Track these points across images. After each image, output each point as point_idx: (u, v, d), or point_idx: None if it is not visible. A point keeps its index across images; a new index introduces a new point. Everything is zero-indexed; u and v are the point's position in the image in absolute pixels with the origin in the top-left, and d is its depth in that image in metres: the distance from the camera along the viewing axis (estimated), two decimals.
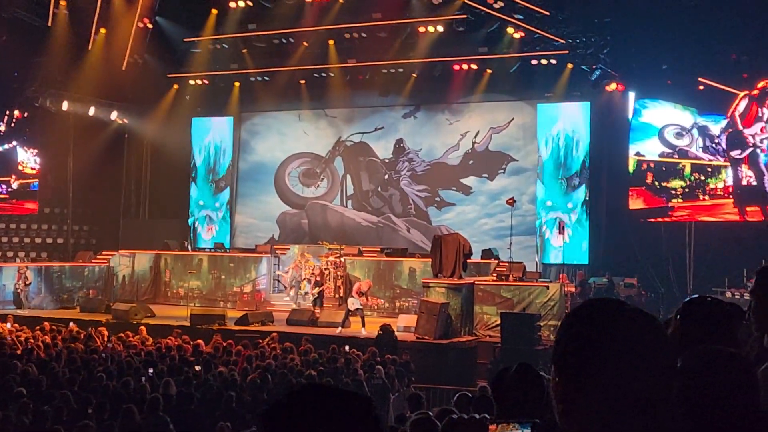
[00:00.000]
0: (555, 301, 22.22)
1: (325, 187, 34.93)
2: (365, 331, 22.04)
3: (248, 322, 23.59)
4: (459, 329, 22.16)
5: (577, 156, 30.03)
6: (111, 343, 19.47)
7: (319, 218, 34.74)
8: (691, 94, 27.84)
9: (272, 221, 35.43)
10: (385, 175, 33.84)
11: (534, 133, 30.98)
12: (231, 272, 30.06)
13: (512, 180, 31.55)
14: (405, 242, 32.04)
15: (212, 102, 35.50)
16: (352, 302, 22.95)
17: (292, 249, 29.95)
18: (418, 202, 33.17)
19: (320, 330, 22.72)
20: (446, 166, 32.68)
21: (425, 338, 21.05)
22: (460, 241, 23.34)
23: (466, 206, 32.24)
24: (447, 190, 32.64)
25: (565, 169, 30.17)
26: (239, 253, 31.29)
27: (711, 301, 3.28)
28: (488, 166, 32.01)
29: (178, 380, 14.14)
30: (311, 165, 35.14)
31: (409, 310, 26.07)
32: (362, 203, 34.19)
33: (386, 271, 27.60)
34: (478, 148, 32.26)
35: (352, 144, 34.54)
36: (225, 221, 36.04)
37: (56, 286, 29.41)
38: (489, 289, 23.21)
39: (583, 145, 29.97)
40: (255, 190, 36.01)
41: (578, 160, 30.02)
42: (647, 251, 27.91)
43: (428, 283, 23.06)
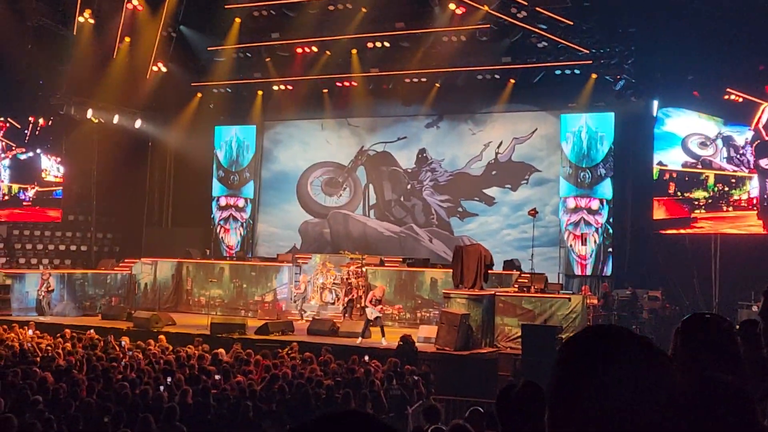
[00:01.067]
0: (577, 314, 22.04)
1: (348, 196, 34.91)
2: (385, 341, 21.96)
3: (268, 332, 23.56)
4: (480, 340, 22.04)
5: (602, 150, 29.78)
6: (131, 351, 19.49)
7: (341, 228, 34.72)
8: (716, 103, 27.60)
9: (294, 230, 35.45)
10: (407, 184, 33.78)
11: (557, 143, 30.81)
12: (252, 281, 30.08)
13: (535, 191, 31.40)
14: (427, 252, 31.95)
15: (235, 110, 35.62)
16: (370, 312, 22.89)
17: (314, 258, 29.92)
18: (440, 213, 33.08)
19: (340, 340, 22.66)
20: (469, 176, 32.58)
21: (445, 349, 20.95)
22: (482, 251, 23.23)
23: (489, 217, 32.11)
24: (470, 200, 32.52)
25: (588, 160, 29.90)
26: (261, 262, 31.30)
27: (710, 318, 3.18)
28: (511, 176, 31.88)
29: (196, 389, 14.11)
30: (334, 174, 35.15)
31: (429, 320, 25.98)
32: (384, 213, 34.14)
33: (408, 281, 27.52)
34: (501, 158, 32.14)
35: (374, 153, 34.52)
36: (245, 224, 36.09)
37: (79, 293, 29.53)
38: (510, 300, 23.06)
39: (607, 142, 29.71)
40: (277, 199, 36.05)
41: (602, 152, 29.75)
42: (672, 263, 27.66)
43: (449, 293, 22.96)
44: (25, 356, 17.95)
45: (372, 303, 22.88)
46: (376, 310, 22.73)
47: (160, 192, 37.54)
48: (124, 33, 32.04)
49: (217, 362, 17.89)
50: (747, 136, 27.54)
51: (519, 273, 25.95)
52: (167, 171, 37.31)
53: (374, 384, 15.76)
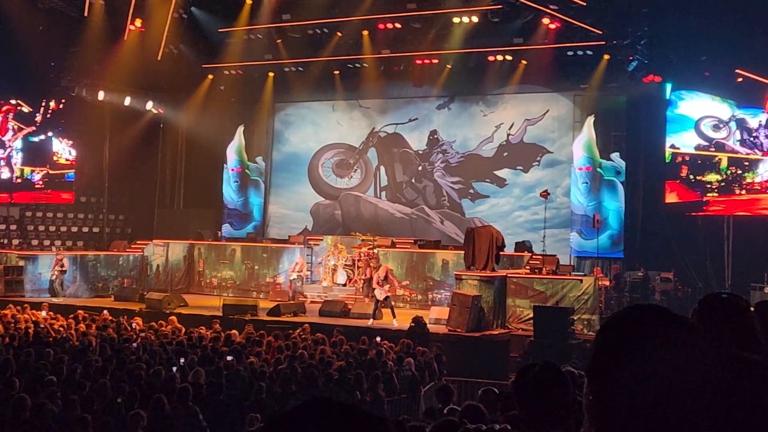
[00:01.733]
0: (589, 295, 22.02)
1: (359, 178, 34.90)
2: (396, 322, 21.99)
3: (280, 313, 23.60)
4: (491, 322, 22.04)
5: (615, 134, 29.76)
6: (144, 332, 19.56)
7: (352, 209, 34.73)
8: (730, 86, 27.44)
9: (306, 212, 35.47)
10: (418, 166, 33.73)
11: (570, 125, 30.72)
12: (264, 263, 30.12)
13: (547, 172, 31.32)
14: (438, 234, 31.93)
15: (246, 92, 35.58)
16: (378, 293, 22.89)
17: (326, 240, 29.94)
18: (451, 194, 33.04)
19: (352, 321, 22.70)
20: (480, 158, 32.51)
21: (457, 331, 20.96)
22: (493, 233, 23.21)
23: (500, 198, 32.06)
24: (481, 182, 32.46)
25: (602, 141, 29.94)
26: (272, 243, 31.32)
27: (728, 298, 3.17)
28: (523, 158, 31.80)
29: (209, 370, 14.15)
30: (345, 156, 35.12)
31: (441, 302, 25.98)
32: (396, 194, 34.12)
33: (419, 262, 27.52)
34: (513, 140, 32.06)
35: (385, 135, 34.47)
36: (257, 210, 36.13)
37: (91, 275, 29.62)
38: (522, 281, 23.05)
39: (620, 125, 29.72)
40: (288, 180, 36.06)
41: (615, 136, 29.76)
42: (684, 245, 27.60)
43: (461, 275, 22.95)
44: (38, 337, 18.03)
45: (379, 284, 22.87)
46: (383, 291, 22.72)
47: (172, 174, 37.58)
48: (135, 14, 32.01)
49: (230, 343, 17.94)
50: (761, 118, 27.38)
51: (530, 254, 25.92)
52: (179, 152, 37.36)
53: (386, 365, 15.78)
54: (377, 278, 23.09)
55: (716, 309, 3.09)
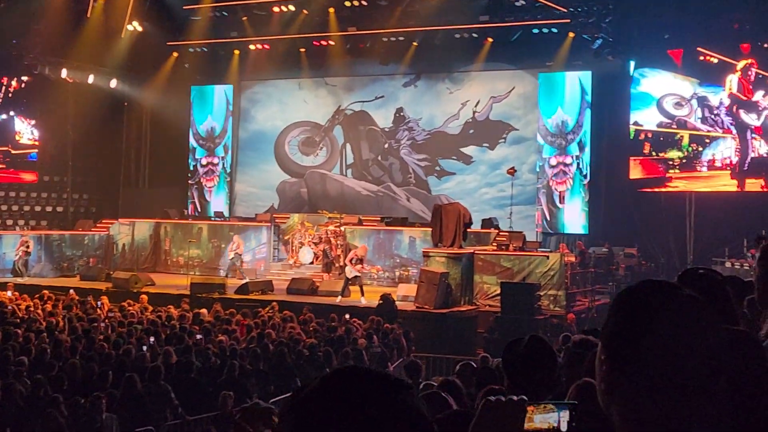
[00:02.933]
0: (555, 271, 22.19)
1: (325, 155, 34.83)
2: (365, 300, 22.04)
3: (248, 291, 23.59)
4: (459, 299, 22.16)
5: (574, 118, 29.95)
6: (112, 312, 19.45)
7: (318, 187, 34.67)
8: (692, 64, 27.65)
9: (272, 190, 35.36)
10: (384, 144, 33.72)
11: (535, 102, 30.82)
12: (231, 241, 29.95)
13: (513, 149, 31.44)
14: (405, 211, 31.97)
15: (212, 70, 35.30)
16: (349, 271, 22.91)
17: (292, 218, 29.89)
18: (418, 171, 33.08)
19: (320, 299, 22.73)
20: (446, 135, 32.56)
21: (425, 307, 21.05)
22: (461, 210, 23.29)
23: (467, 175, 32.15)
24: (447, 159, 32.54)
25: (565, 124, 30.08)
26: (239, 221, 31.20)
27: (705, 273, 3.21)
28: (489, 135, 31.89)
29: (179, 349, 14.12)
30: (311, 134, 35.02)
31: (409, 279, 26.06)
32: (362, 172, 34.10)
33: (386, 240, 27.56)
34: (479, 117, 32.12)
35: (351, 113, 34.40)
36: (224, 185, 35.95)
37: (56, 255, 29.36)
38: (489, 258, 23.18)
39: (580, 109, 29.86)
40: (255, 158, 35.91)
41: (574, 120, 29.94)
42: (647, 221, 27.87)
43: (428, 252, 23.05)
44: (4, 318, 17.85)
45: (352, 262, 22.88)
46: (354, 269, 22.75)
47: (137, 152, 37.27)
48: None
49: (199, 322, 17.90)
50: (721, 96, 27.62)
51: (497, 231, 26.05)
52: (143, 130, 37.02)
53: (356, 341, 15.83)
54: (353, 255, 23.10)
55: (695, 284, 3.13)
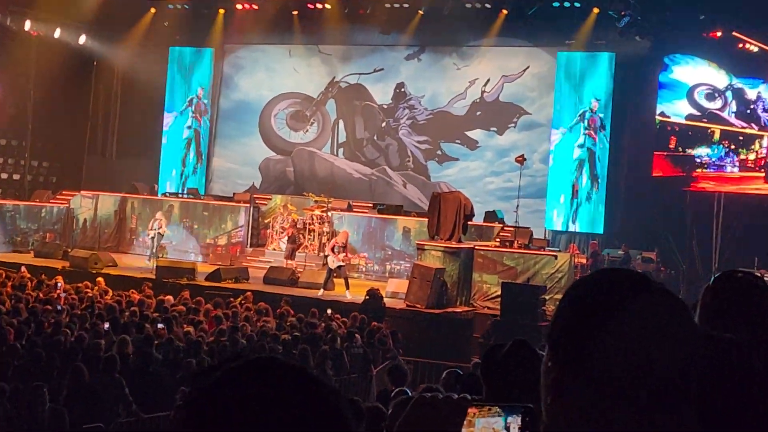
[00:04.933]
0: (563, 273, 22.18)
1: (315, 132, 34.76)
2: (350, 294, 22.05)
3: (220, 279, 23.60)
4: (455, 298, 22.16)
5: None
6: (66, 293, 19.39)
7: (306, 167, 34.61)
8: (729, 51, 27.50)
9: (254, 167, 35.28)
10: (382, 122, 33.67)
11: (551, 84, 30.75)
12: (204, 222, 29.98)
13: (523, 135, 31.41)
14: (400, 198, 31.93)
15: (193, 30, 35.08)
16: (331, 260, 22.89)
17: (274, 199, 29.88)
18: (417, 155, 33.04)
19: (300, 291, 22.74)
20: (451, 116, 32.51)
21: (416, 306, 21.04)
22: (462, 200, 23.26)
23: (471, 162, 32.12)
24: (450, 143, 32.50)
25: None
26: (215, 200, 31.13)
27: (744, 276, 3.19)
28: (498, 118, 31.84)
29: (138, 338, 14.08)
30: (300, 107, 34.93)
31: (400, 274, 26.06)
32: (355, 152, 34.05)
33: (377, 229, 27.55)
34: (488, 97, 32.06)
35: (347, 86, 34.30)
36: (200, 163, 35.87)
37: (9, 227, 29.28)
38: (491, 255, 23.18)
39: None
40: (236, 131, 35.82)
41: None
42: (669, 223, 27.79)
43: (423, 245, 23.04)
44: None
45: (334, 251, 22.85)
46: (338, 259, 22.72)
47: (105, 117, 37.06)
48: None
49: (163, 310, 17.86)
50: (760, 90, 27.45)
51: (501, 226, 26.04)
52: (114, 94, 36.81)
53: (336, 341, 15.81)
54: (334, 243, 23.07)
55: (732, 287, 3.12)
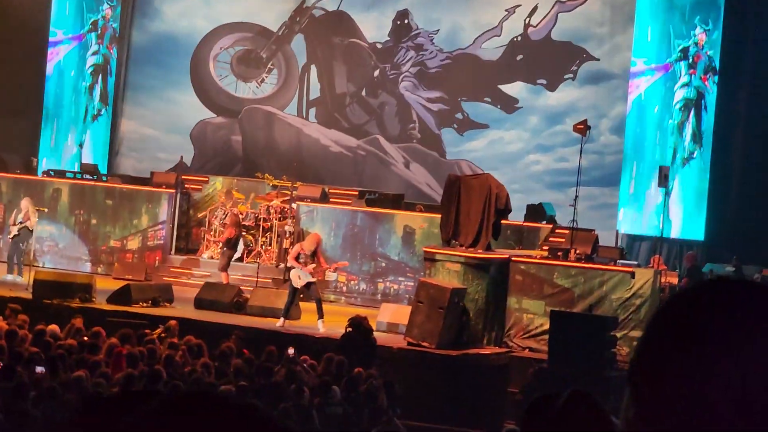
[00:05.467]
0: (644, 299, 22.16)
1: (275, 83, 34.78)
2: (323, 326, 22.07)
3: (131, 300, 23.57)
4: (480, 334, 22.21)
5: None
6: None
7: (261, 134, 34.63)
8: None
9: (183, 134, 35.28)
10: (375, 70, 33.69)
11: (630, 13, 30.80)
12: (108, 215, 29.96)
13: (587, 92, 31.45)
14: (400, 184, 32.00)
15: None
16: (296, 276, 22.82)
17: (213, 183, 29.88)
18: (426, 119, 33.06)
19: (250, 320, 22.81)
20: (478, 61, 32.54)
21: (423, 344, 21.06)
22: (492, 188, 23.27)
23: (506, 131, 32.17)
24: (476, 102, 32.55)
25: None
26: (124, 184, 31.11)
27: None
28: (549, 66, 31.92)
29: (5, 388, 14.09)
30: (253, 45, 34.98)
31: (399, 297, 26.15)
32: (333, 115, 34.08)
33: (365, 230, 27.58)
34: (534, 35, 32.12)
35: (322, 14, 34.36)
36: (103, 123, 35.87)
37: None
38: (535, 271, 23.19)
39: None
40: (157, 81, 35.81)
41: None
42: None
43: (434, 254, 23.05)
44: None
45: (299, 260, 22.82)
46: (306, 272, 22.69)
47: None
48: None
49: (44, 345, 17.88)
50: None
51: (552, 227, 26.05)
52: None
53: (302, 393, 15.84)
54: (297, 251, 23.05)
55: None
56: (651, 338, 1.74)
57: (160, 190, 29.88)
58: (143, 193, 30.11)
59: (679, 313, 1.74)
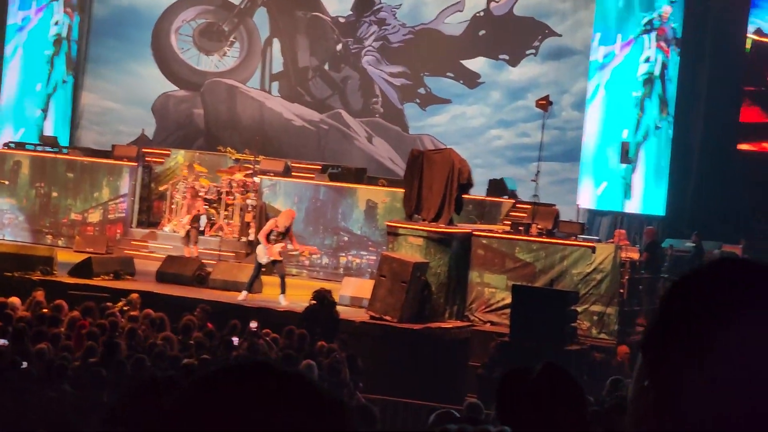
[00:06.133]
0: (604, 273, 22.25)
1: (237, 57, 34.70)
2: (285, 300, 22.12)
3: (92, 273, 23.53)
4: (442, 308, 22.24)
5: None
6: None
7: (223, 108, 34.55)
8: None
9: (145, 108, 35.16)
10: (337, 44, 33.63)
11: None
12: (69, 188, 29.84)
13: (548, 67, 31.50)
14: (362, 158, 31.98)
15: None
16: (261, 251, 22.80)
17: (175, 156, 29.79)
18: (389, 94, 33.05)
19: (212, 293, 22.77)
20: (441, 36, 32.55)
21: (385, 318, 21.08)
22: (455, 162, 23.28)
23: (468, 106, 32.21)
24: (439, 77, 32.55)
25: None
26: (85, 156, 30.98)
27: None
28: (511, 41, 31.94)
29: None
30: (215, 18, 34.86)
31: (361, 270, 26.18)
32: (296, 89, 34.04)
33: (328, 204, 27.57)
34: (496, 9, 32.12)
35: None
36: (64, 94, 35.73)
37: None
38: (497, 245, 23.23)
39: None
40: (118, 53, 35.65)
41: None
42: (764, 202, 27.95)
43: (396, 228, 23.07)
44: None
45: (269, 238, 22.77)
46: (272, 250, 22.63)
47: None
48: None
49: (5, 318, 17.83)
50: None
51: (513, 202, 26.08)
52: None
53: None
54: (272, 227, 22.99)
55: None
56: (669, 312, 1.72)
57: (121, 163, 29.78)
58: (104, 166, 30.00)
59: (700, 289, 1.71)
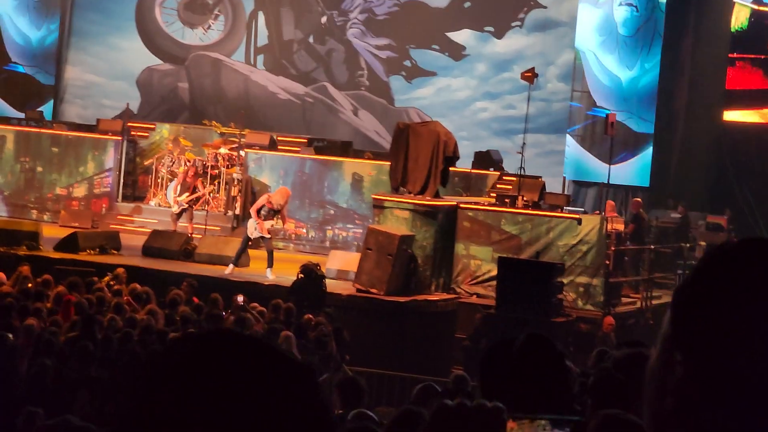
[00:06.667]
0: (590, 245, 22.29)
1: (221, 30, 34.63)
2: (271, 274, 22.17)
3: (78, 248, 23.55)
4: (428, 280, 22.30)
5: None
6: None
7: (208, 82, 34.51)
8: None
9: (129, 82, 35.11)
10: (322, 16, 33.59)
11: None
12: (54, 163, 29.80)
13: (534, 39, 31.49)
14: (348, 131, 31.98)
15: None
16: (252, 226, 22.84)
17: (160, 130, 29.76)
18: (375, 67, 33.03)
19: (198, 267, 22.81)
20: (426, 8, 32.49)
21: (372, 291, 21.13)
22: (440, 135, 23.30)
23: (455, 78, 32.19)
24: (424, 49, 32.52)
25: None
26: (69, 131, 30.93)
27: None
28: (496, 13, 31.90)
29: None
30: None
31: (347, 244, 26.23)
32: (281, 62, 34.00)
33: (314, 177, 27.57)
34: None
35: None
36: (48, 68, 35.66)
37: None
38: (482, 218, 23.25)
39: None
40: (102, 27, 35.56)
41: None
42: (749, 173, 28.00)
43: (383, 201, 23.10)
44: None
45: (260, 214, 22.77)
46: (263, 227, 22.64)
47: None
48: None
49: None
50: None
51: (499, 174, 26.10)
52: None
53: None
54: (264, 202, 23.00)
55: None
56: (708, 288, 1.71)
57: (106, 138, 29.73)
58: (89, 140, 29.95)
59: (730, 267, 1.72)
